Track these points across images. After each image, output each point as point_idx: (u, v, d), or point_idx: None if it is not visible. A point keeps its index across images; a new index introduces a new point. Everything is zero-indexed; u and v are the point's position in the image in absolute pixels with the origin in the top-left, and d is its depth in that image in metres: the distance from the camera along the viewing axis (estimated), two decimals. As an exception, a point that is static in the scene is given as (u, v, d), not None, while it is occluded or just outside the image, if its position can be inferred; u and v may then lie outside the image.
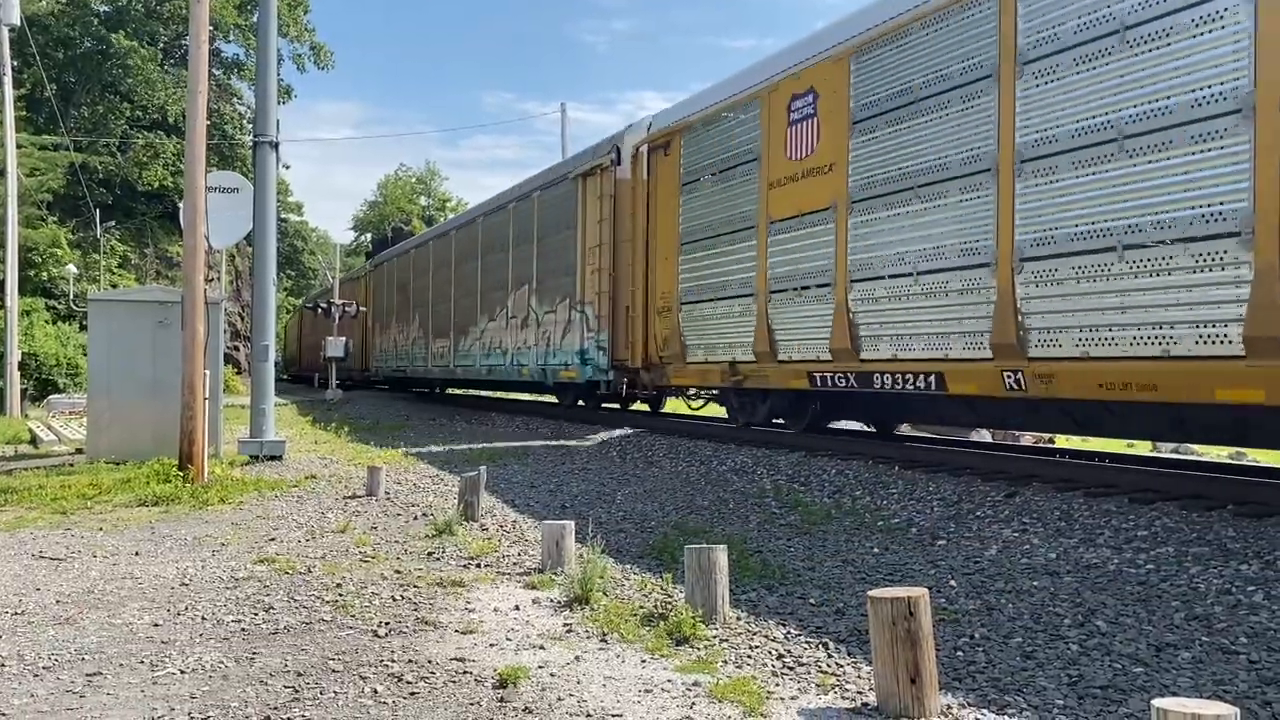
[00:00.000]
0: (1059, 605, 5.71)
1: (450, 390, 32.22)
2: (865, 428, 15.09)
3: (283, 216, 61.98)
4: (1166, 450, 15.59)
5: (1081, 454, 11.38)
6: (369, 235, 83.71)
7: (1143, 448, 15.16)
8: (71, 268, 36.21)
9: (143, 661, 4.85)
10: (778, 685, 4.46)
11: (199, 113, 12.03)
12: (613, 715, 4.10)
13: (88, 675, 4.65)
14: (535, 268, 19.86)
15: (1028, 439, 16.54)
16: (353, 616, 5.68)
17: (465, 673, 4.66)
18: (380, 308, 34.66)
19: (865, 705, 4.16)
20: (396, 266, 32.56)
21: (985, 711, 4.12)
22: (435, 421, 21.99)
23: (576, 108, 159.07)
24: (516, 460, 13.60)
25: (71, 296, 35.78)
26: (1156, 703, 2.96)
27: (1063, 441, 15.08)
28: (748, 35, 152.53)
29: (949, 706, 4.13)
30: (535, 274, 19.82)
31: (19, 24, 26.61)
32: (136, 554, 7.56)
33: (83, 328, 29.94)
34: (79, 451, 14.50)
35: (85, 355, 20.70)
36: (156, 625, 5.52)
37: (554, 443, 16.12)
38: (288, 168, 67.75)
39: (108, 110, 42.52)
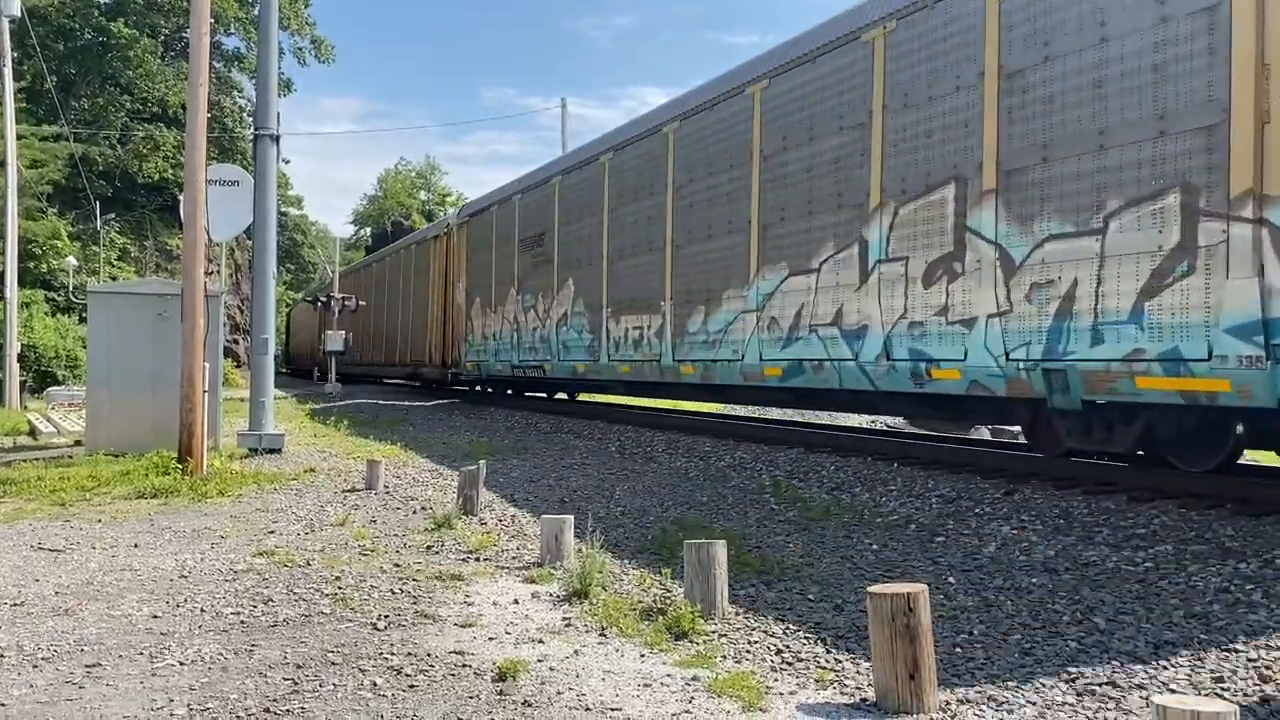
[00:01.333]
0: (1057, 602, 5.71)
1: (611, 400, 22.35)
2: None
3: (283, 210, 61.98)
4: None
5: (1080, 452, 11.38)
6: (369, 229, 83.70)
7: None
8: (71, 260, 36.21)
9: (142, 653, 4.86)
10: (776, 680, 4.46)
11: (200, 105, 12.01)
12: (612, 709, 4.11)
13: (87, 666, 4.65)
14: (992, 146, 9.04)
15: (1023, 437, 16.50)
16: (352, 609, 5.68)
17: (464, 666, 4.67)
18: (480, 277, 23.61)
19: (864, 701, 4.17)
20: (520, 211, 21.32)
21: (984, 708, 4.12)
22: (434, 416, 21.97)
23: (579, 103, 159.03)
24: (516, 455, 13.60)
25: (71, 289, 35.78)
26: (1156, 700, 2.96)
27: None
28: (749, 31, 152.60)
29: (947, 702, 4.14)
30: (997, 157, 8.97)
31: (19, 15, 26.58)
32: (135, 546, 7.57)
33: (82, 320, 29.93)
34: (78, 443, 14.51)
35: (84, 347, 20.70)
36: (156, 617, 5.52)
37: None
38: (287, 162, 67.78)
39: (108, 102, 42.48)
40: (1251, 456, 13.97)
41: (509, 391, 25.14)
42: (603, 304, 16.64)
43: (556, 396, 24.11)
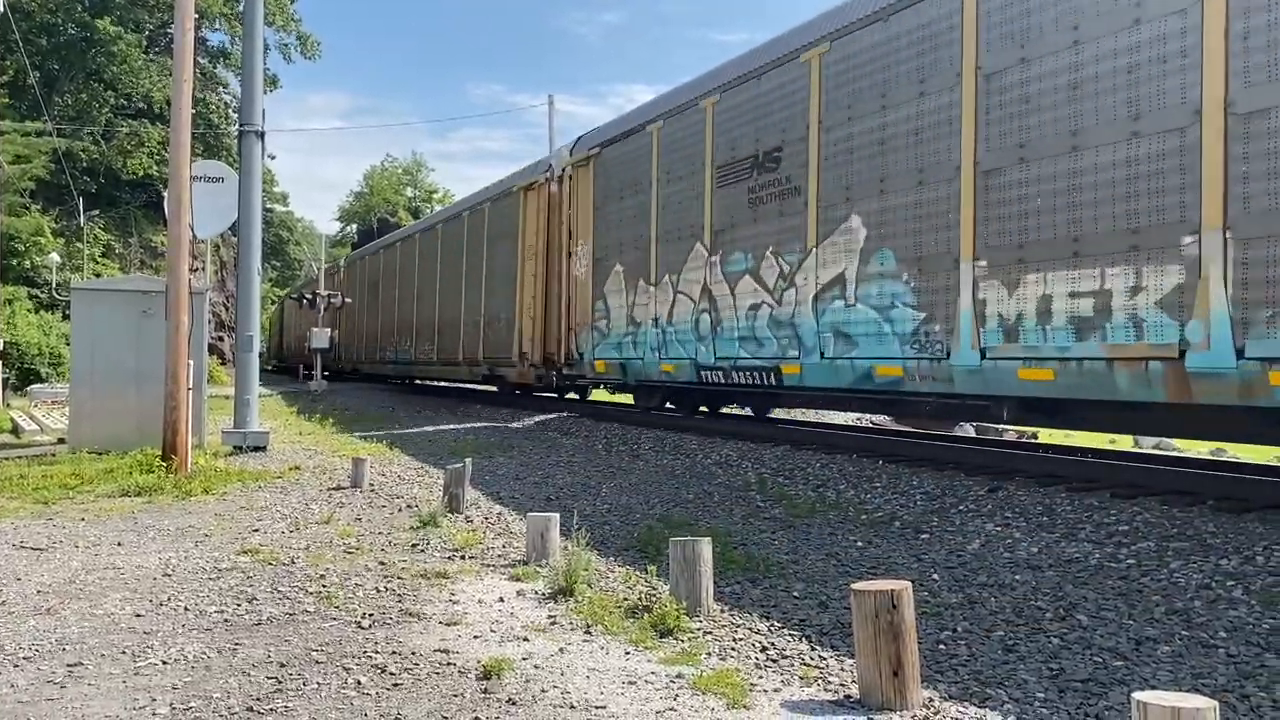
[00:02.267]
0: (1040, 599, 5.74)
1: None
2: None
3: (268, 207, 61.78)
4: (1148, 445, 15.70)
5: (1064, 449, 11.45)
6: (354, 226, 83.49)
7: (1124, 443, 15.26)
8: (54, 256, 35.98)
9: (124, 652, 4.83)
10: (761, 677, 4.47)
11: (184, 101, 11.95)
12: (596, 707, 4.11)
13: (69, 666, 4.63)
14: None
15: (1011, 434, 16.61)
16: (336, 608, 5.66)
17: (449, 664, 4.66)
18: (621, 234, 16.09)
19: (848, 698, 4.18)
20: (717, 121, 13.56)
21: (967, 704, 4.14)
22: (421, 414, 21.92)
23: (567, 100, 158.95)
24: (502, 453, 13.58)
25: (54, 285, 35.54)
26: (1137, 696, 2.98)
27: (1045, 436, 15.15)
28: (737, 29, 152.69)
29: (930, 699, 4.15)
30: None
31: (2, 10, 26.38)
32: (119, 544, 7.53)
33: (66, 317, 29.72)
34: (61, 441, 14.42)
35: (68, 344, 20.57)
36: (139, 616, 5.50)
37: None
38: (273, 158, 67.60)
39: (92, 98, 42.18)
40: (1234, 452, 14.09)
41: (669, 405, 16.84)
42: (958, 254, 9.42)
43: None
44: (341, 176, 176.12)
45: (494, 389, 24.06)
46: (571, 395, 21.56)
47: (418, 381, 32.49)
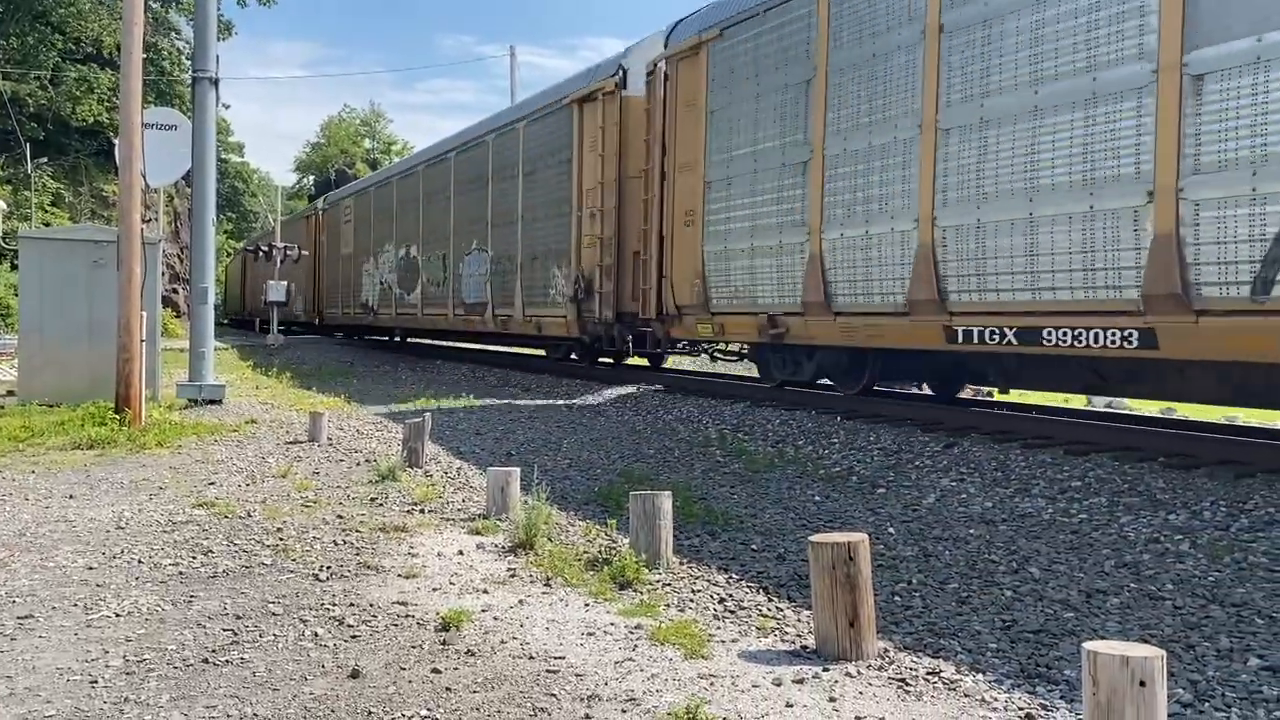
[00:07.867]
0: (994, 553, 5.83)
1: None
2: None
3: (223, 157, 60.53)
4: (1100, 404, 15.95)
5: (1019, 406, 11.60)
6: (311, 178, 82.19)
7: (1077, 401, 15.49)
8: (1, 204, 35.05)
9: (76, 605, 4.77)
10: (719, 628, 4.51)
11: (135, 46, 11.61)
12: (555, 658, 4.13)
13: (19, 618, 4.56)
14: None
15: (967, 392, 16.78)
16: (293, 560, 5.62)
17: (407, 616, 4.65)
18: None
19: (804, 648, 4.23)
20: None
21: (921, 654, 4.20)
22: (380, 369, 21.75)
23: (537, 53, 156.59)
24: (462, 409, 13.52)
25: (1, 235, 34.66)
26: (1087, 646, 3.03)
27: (1000, 395, 15.33)
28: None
29: (886, 650, 4.21)
30: None
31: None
32: (70, 497, 7.41)
33: (14, 267, 29.03)
34: (10, 394, 14.13)
35: (16, 295, 20.09)
36: (91, 569, 5.43)
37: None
38: (227, 107, 65.72)
39: (39, 41, 40.84)
40: (1183, 411, 14.36)
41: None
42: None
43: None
44: (303, 127, 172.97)
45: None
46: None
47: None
